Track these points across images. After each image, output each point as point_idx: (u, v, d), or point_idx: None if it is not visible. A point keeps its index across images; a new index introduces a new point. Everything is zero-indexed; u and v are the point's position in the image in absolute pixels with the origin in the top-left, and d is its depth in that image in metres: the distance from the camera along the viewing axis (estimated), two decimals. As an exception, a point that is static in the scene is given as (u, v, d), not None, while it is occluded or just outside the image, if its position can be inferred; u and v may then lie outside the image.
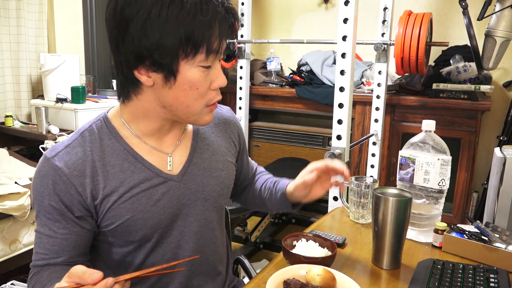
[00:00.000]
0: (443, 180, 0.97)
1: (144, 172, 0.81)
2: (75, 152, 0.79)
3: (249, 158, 1.11)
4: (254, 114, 2.99)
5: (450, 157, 0.98)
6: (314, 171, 0.91)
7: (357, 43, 1.95)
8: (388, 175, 2.50)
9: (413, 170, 0.99)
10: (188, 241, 0.87)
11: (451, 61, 2.46)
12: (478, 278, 0.80)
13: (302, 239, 0.91)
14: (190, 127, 0.91)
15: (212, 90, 0.78)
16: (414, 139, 1.01)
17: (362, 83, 2.64)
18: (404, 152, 1.01)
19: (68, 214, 0.77)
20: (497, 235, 0.94)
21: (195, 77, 0.74)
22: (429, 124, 0.99)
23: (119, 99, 0.82)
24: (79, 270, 0.63)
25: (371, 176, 1.00)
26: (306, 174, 0.92)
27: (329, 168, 0.90)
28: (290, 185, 0.98)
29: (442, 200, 1.01)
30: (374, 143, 2.40)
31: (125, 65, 0.74)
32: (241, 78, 2.68)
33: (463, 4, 1.88)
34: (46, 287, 0.74)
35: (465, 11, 1.89)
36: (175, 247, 0.86)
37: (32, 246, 1.78)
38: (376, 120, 2.36)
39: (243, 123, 2.75)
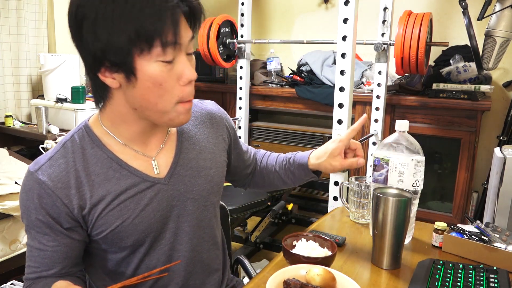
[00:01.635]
0: (417, 181, 0.96)
1: (130, 178, 0.80)
2: (58, 164, 0.77)
3: (245, 144, 1.09)
4: (254, 114, 2.99)
5: (424, 157, 0.97)
6: (340, 142, 0.96)
7: (357, 43, 1.95)
8: (388, 175, 2.50)
9: (387, 171, 0.97)
10: (181, 242, 0.87)
11: (451, 61, 2.46)
12: (478, 278, 0.80)
13: (302, 239, 0.91)
14: (174, 128, 0.89)
15: (182, 86, 0.74)
16: (388, 139, 1.00)
17: (362, 83, 2.64)
18: (377, 153, 1.00)
19: (56, 226, 0.77)
20: (497, 235, 0.94)
21: (155, 72, 0.70)
22: (402, 124, 0.98)
23: (97, 106, 0.81)
24: (61, 287, 0.63)
25: (371, 176, 1.00)
26: (331, 143, 0.97)
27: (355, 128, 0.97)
28: (312, 155, 1.01)
29: (416, 202, 0.99)
30: (374, 143, 2.40)
31: (89, 70, 0.73)
32: (241, 78, 2.68)
33: (463, 4, 1.88)
34: None
35: (465, 11, 1.89)
36: (169, 249, 0.86)
37: (32, 246, 1.79)
38: (376, 120, 2.36)
39: (243, 123, 2.75)
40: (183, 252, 0.87)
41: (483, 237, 0.94)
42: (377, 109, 2.35)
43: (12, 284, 1.81)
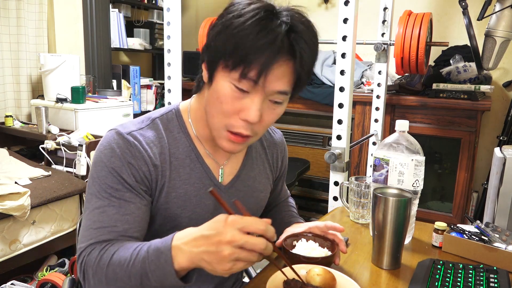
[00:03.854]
0: (417, 181, 0.96)
1: (200, 173, 0.82)
2: (149, 134, 0.79)
3: (285, 186, 1.10)
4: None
5: (424, 157, 0.97)
6: (308, 229, 0.91)
7: (357, 43, 1.95)
8: (388, 175, 2.50)
9: (387, 171, 0.98)
10: None
11: (451, 61, 2.46)
12: (478, 278, 0.80)
13: (302, 239, 0.91)
14: None
15: (240, 118, 0.73)
16: (388, 139, 1.00)
17: (362, 83, 2.64)
18: (377, 153, 1.00)
19: (138, 188, 0.75)
20: (497, 235, 0.94)
21: (223, 90, 0.72)
22: (402, 124, 0.98)
23: (193, 93, 0.85)
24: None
25: (371, 176, 1.00)
26: (299, 228, 0.92)
27: (328, 227, 0.89)
28: (294, 225, 0.96)
29: (416, 202, 0.99)
30: (374, 143, 2.40)
31: (200, 58, 0.79)
32: (241, 78, 2.68)
33: (463, 4, 1.88)
34: (145, 246, 0.67)
35: (465, 11, 1.89)
36: None
37: (32, 246, 1.80)
38: (376, 120, 2.36)
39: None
40: None
41: (483, 237, 0.94)
42: (377, 109, 2.35)
43: (12, 284, 1.81)
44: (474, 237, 0.95)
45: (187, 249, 0.62)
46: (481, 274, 0.82)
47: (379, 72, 2.31)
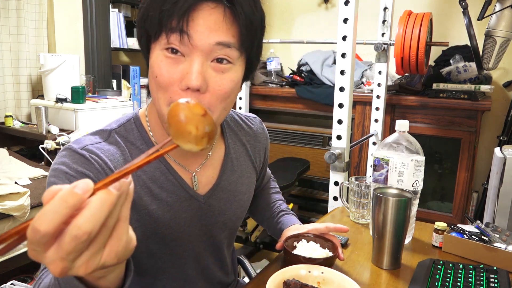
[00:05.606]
0: (417, 181, 0.96)
1: (174, 185, 0.76)
2: (108, 148, 0.71)
3: (268, 170, 1.07)
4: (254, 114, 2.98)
5: (424, 158, 0.97)
6: (307, 232, 0.91)
7: (357, 43, 1.95)
8: (388, 175, 2.50)
9: (387, 171, 0.97)
10: (197, 258, 0.85)
11: (451, 61, 2.46)
12: (478, 278, 0.80)
13: (303, 240, 0.91)
14: (222, 146, 0.86)
15: (181, 90, 0.64)
16: (388, 139, 1.00)
17: (362, 83, 2.64)
18: (377, 153, 1.00)
19: None
20: (497, 235, 0.94)
21: (156, 61, 0.65)
22: (402, 124, 0.98)
23: (147, 98, 0.77)
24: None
25: (371, 176, 1.00)
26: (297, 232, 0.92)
27: (329, 229, 0.90)
28: (291, 227, 0.97)
29: (416, 202, 0.99)
30: (374, 143, 2.40)
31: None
32: (241, 78, 2.68)
33: (463, 4, 1.88)
34: None
35: (465, 11, 1.89)
36: (182, 262, 0.83)
37: (32, 246, 1.79)
38: (376, 120, 2.36)
39: (243, 123, 2.74)
40: (194, 269, 0.85)
41: (483, 237, 0.94)
42: (377, 109, 2.35)
43: (12, 284, 1.81)
44: (474, 237, 0.95)
45: None
46: (481, 274, 0.82)
47: (379, 72, 2.31)
